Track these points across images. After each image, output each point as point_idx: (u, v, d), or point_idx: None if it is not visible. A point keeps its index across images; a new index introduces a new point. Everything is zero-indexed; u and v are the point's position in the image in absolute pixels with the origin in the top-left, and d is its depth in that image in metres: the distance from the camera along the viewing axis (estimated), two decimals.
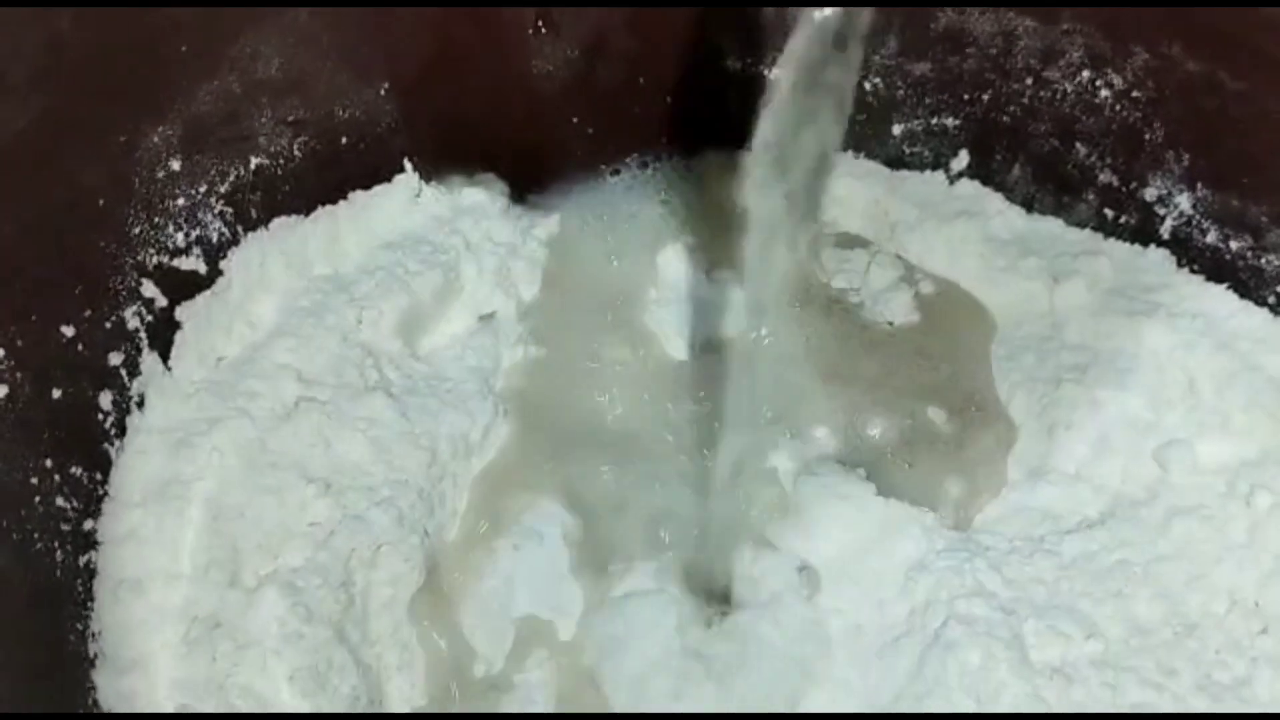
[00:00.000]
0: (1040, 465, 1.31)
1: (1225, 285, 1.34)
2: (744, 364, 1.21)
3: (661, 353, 1.43)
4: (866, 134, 1.51)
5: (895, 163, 1.52)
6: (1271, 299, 1.32)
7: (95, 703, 1.11)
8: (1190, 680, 1.12)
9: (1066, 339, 1.36)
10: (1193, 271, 1.36)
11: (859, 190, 1.51)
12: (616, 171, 1.56)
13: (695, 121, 1.53)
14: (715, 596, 1.26)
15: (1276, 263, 1.31)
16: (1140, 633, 1.16)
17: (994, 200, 1.47)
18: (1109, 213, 1.41)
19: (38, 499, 1.12)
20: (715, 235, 1.52)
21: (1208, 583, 1.17)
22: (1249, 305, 1.32)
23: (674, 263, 1.48)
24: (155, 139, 1.24)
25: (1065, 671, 1.14)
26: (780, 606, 1.22)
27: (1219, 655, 1.14)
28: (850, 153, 1.52)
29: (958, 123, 1.47)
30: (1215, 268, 1.35)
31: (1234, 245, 1.33)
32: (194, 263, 1.31)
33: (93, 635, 1.14)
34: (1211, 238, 1.35)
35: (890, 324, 1.42)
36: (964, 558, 1.22)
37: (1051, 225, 1.44)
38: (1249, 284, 1.33)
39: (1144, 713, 1.09)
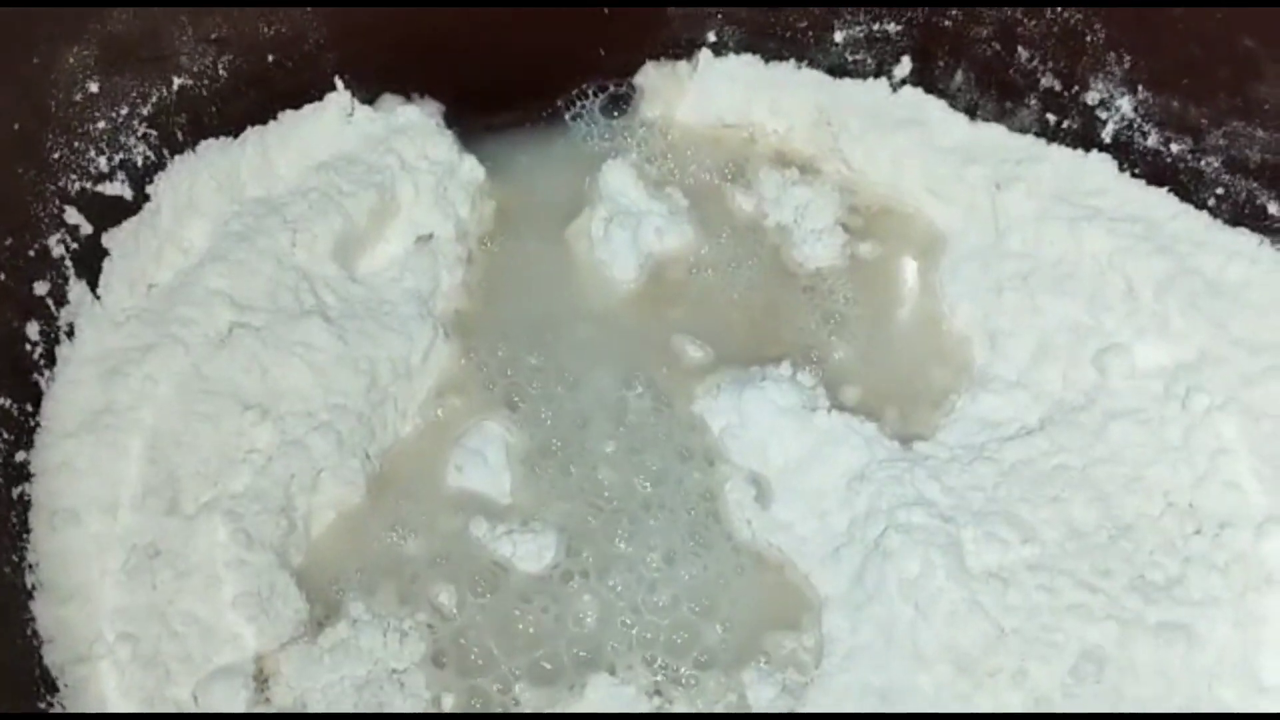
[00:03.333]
0: (982, 374, 1.32)
1: (1166, 189, 1.33)
2: None
3: (606, 270, 1.41)
4: (808, 42, 1.48)
5: (838, 70, 1.49)
6: (1211, 201, 1.32)
7: (34, 633, 1.11)
8: (1124, 580, 1.14)
9: (1009, 247, 1.36)
10: (1134, 175, 1.35)
11: (802, 100, 1.48)
12: (556, 88, 1.52)
13: (635, 36, 1.50)
14: None
15: (1216, 165, 1.30)
16: (1076, 536, 1.17)
17: (937, 108, 1.45)
18: (1051, 118, 1.40)
19: None
20: (658, 150, 1.50)
21: (1143, 485, 1.19)
22: (1189, 208, 1.32)
23: (617, 179, 1.45)
24: (71, 60, 1.21)
25: (1002, 576, 1.15)
26: None
27: (1153, 556, 1.15)
28: (792, 61, 1.49)
29: (899, 28, 1.44)
30: (1156, 171, 1.34)
31: (1174, 148, 1.33)
32: (119, 188, 1.29)
33: (30, 566, 1.13)
34: (1152, 141, 1.34)
35: (819, 269, 1.41)
36: (904, 467, 1.23)
37: (994, 132, 1.43)
38: (1189, 187, 1.33)
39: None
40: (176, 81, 1.31)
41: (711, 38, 1.50)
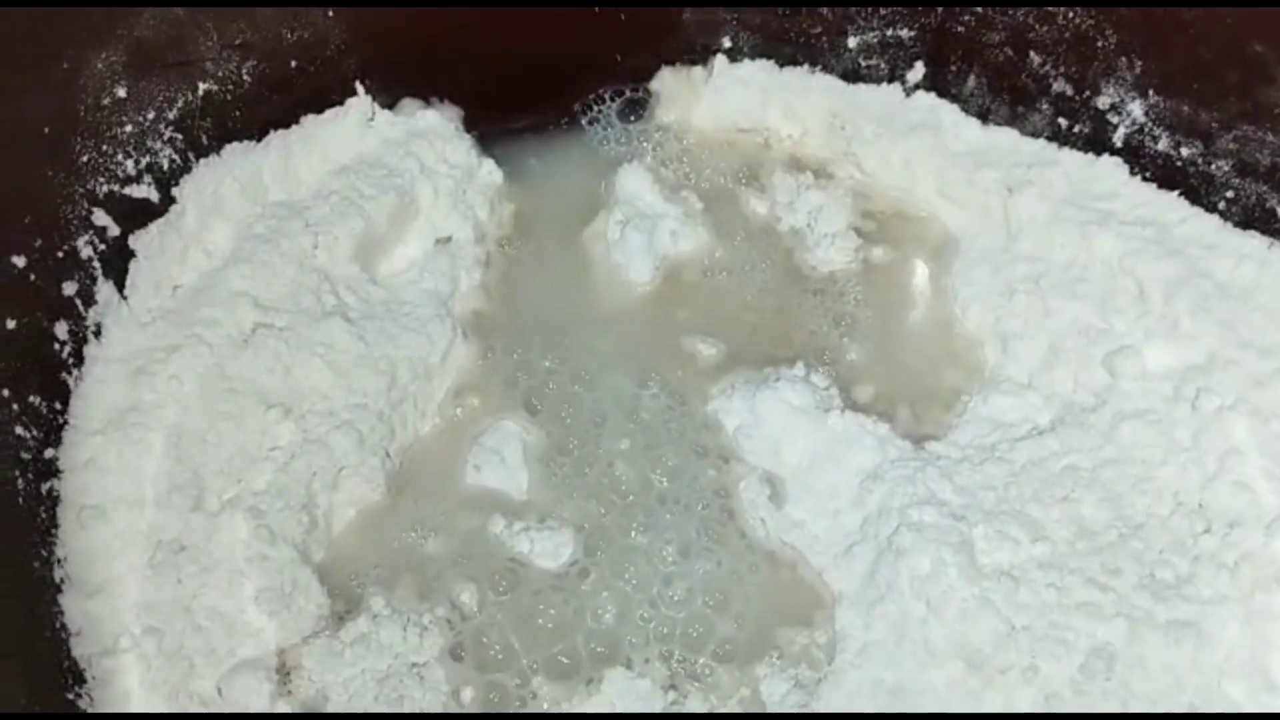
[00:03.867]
0: (993, 375, 1.33)
1: (1176, 192, 1.34)
2: None
3: (622, 272, 1.43)
4: (822, 47, 1.49)
5: (851, 76, 1.50)
6: (1222, 205, 1.32)
7: (63, 626, 1.13)
8: (1134, 579, 1.15)
9: (1020, 250, 1.37)
10: (1144, 179, 1.36)
11: (815, 105, 1.49)
12: (573, 93, 1.54)
13: (651, 41, 1.51)
14: None
15: (1227, 169, 1.31)
16: (1086, 535, 1.18)
17: (950, 112, 1.46)
18: (1063, 122, 1.41)
19: None
20: (674, 154, 1.52)
21: (1153, 485, 1.20)
22: (1199, 211, 1.33)
23: (633, 183, 1.47)
24: (99, 65, 1.23)
25: (1013, 574, 1.16)
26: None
27: (1162, 555, 1.16)
28: (806, 67, 1.51)
29: (913, 34, 1.46)
30: (1167, 175, 1.35)
31: (1185, 152, 1.34)
32: (146, 190, 1.31)
33: (58, 561, 1.16)
34: (1163, 145, 1.35)
35: (832, 273, 1.42)
36: (916, 467, 1.24)
37: (1007, 136, 1.44)
38: (1199, 190, 1.33)
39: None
40: (202, 86, 1.33)
41: (726, 43, 1.52)
